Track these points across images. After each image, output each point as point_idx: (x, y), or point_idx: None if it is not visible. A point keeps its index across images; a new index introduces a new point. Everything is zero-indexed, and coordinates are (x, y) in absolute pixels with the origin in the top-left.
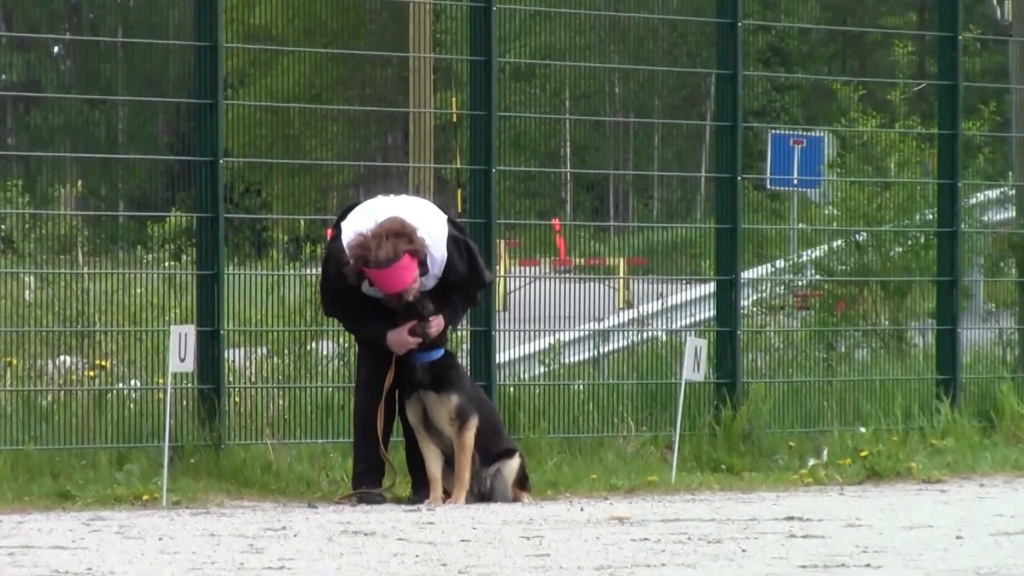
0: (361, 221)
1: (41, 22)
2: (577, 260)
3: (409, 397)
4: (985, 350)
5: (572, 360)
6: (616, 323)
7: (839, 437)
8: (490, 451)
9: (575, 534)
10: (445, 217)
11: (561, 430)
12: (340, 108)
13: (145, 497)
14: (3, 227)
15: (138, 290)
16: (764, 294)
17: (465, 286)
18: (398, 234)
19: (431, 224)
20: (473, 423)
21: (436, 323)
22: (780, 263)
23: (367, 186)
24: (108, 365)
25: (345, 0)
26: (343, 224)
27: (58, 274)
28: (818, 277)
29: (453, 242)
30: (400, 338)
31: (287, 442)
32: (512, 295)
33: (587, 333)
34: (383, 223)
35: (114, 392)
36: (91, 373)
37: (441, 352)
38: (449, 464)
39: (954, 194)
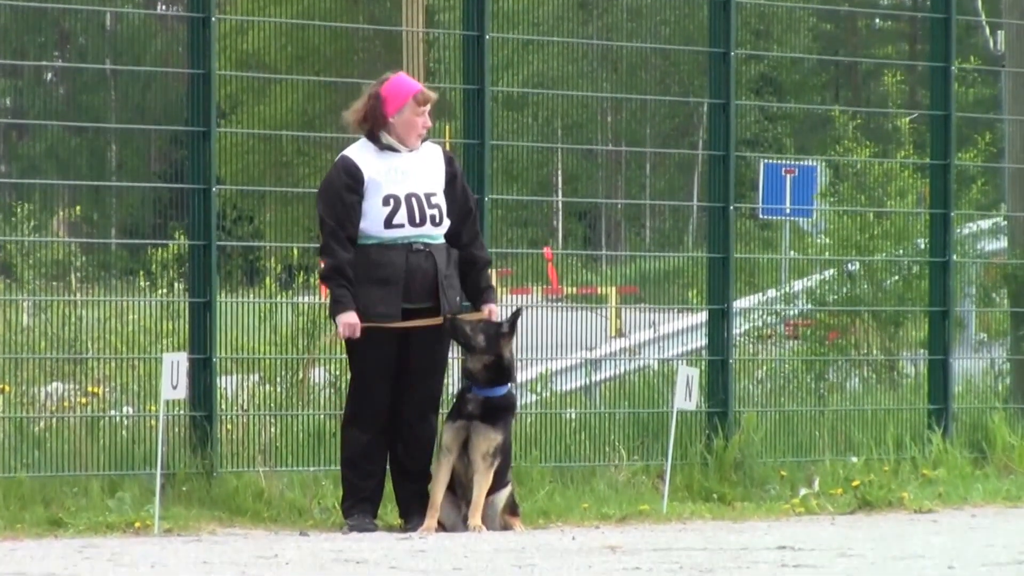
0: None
1: (31, 48)
2: (569, 289)
3: (455, 422)
4: (977, 380)
5: (563, 389)
6: (608, 352)
7: (831, 467)
8: None
9: (567, 563)
10: None
11: (553, 459)
12: (333, 136)
13: (137, 524)
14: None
15: (131, 317)
16: (755, 324)
17: (463, 208)
18: None
19: None
20: (497, 463)
21: (492, 314)
22: (772, 292)
23: None
24: (100, 392)
25: (338, 28)
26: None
27: (51, 301)
28: (810, 307)
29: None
30: (350, 322)
31: (279, 470)
32: None
33: (579, 362)
34: None
35: (106, 419)
36: (83, 400)
37: (505, 390)
38: (451, 491)
39: (947, 224)
